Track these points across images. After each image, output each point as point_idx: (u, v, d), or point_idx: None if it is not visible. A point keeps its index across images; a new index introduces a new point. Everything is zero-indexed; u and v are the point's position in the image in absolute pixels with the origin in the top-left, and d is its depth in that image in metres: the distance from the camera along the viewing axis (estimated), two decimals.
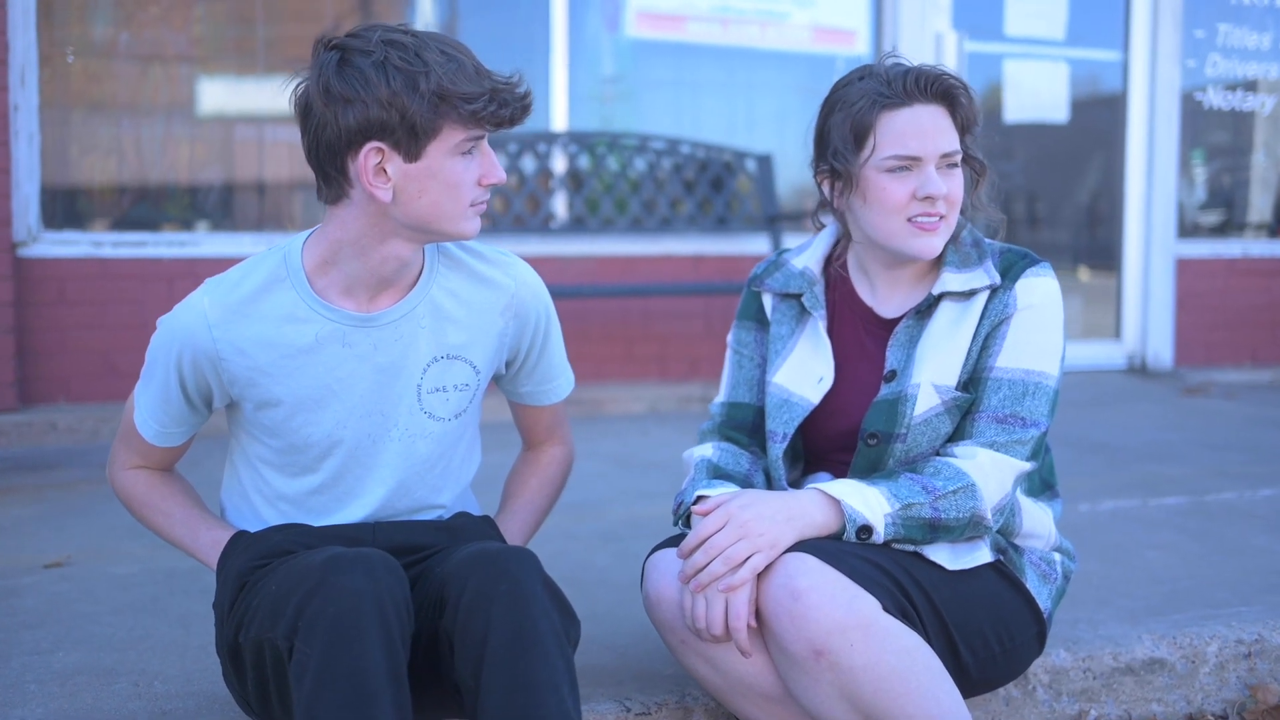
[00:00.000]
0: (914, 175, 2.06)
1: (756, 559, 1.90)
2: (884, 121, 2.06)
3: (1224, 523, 3.45)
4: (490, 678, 1.70)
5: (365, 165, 1.78)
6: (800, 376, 2.20)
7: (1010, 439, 2.04)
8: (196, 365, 1.91)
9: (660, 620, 2.06)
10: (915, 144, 2.05)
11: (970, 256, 2.14)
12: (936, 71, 2.09)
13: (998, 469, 2.03)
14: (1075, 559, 2.30)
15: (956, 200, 2.09)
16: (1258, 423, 5.34)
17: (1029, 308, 2.08)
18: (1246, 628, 2.54)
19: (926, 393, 2.07)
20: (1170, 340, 6.83)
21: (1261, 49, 7.05)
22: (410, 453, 2.00)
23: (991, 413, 2.06)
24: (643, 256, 5.98)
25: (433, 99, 1.75)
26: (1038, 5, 6.71)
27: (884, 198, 2.07)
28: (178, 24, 5.54)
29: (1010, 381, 2.06)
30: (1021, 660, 2.15)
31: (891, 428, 2.08)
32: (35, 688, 2.20)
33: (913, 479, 2.00)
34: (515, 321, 2.05)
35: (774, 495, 1.98)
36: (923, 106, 2.06)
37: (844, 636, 1.84)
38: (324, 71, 1.78)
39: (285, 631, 1.68)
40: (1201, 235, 7.10)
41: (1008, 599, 2.08)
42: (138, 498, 2.08)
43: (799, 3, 6.36)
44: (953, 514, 1.99)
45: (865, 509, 1.95)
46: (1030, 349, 2.08)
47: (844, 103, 2.10)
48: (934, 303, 2.13)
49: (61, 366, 5.15)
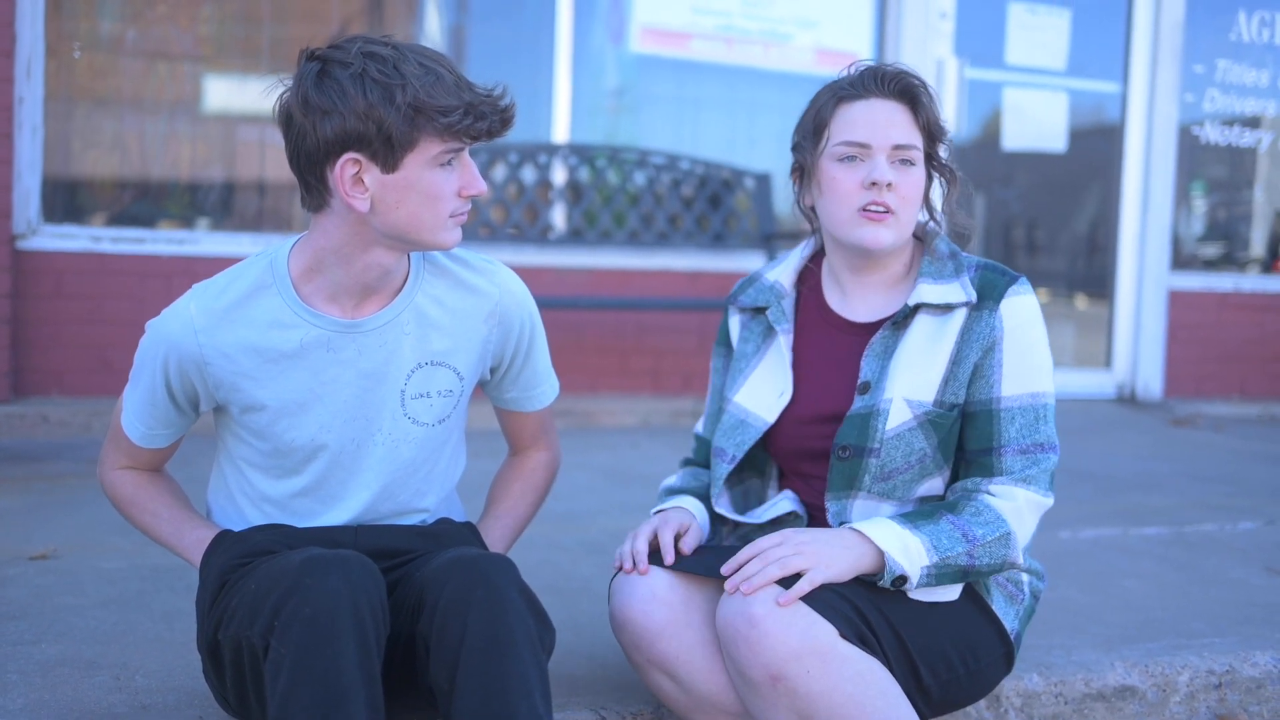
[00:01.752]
0: (864, 164, 2.09)
1: (814, 574, 1.90)
2: (840, 112, 2.11)
3: (1203, 554, 3.48)
4: (464, 681, 1.73)
5: (342, 175, 1.81)
6: (760, 395, 2.22)
7: (1038, 470, 2.07)
8: (182, 369, 1.94)
9: (626, 641, 2.08)
10: (865, 132, 2.08)
11: (946, 268, 2.15)
12: (899, 70, 2.13)
13: (1031, 511, 2.06)
14: (1044, 579, 2.31)
15: (909, 196, 2.10)
16: (1243, 456, 5.37)
17: (1016, 329, 2.09)
18: (1218, 658, 2.56)
19: (899, 407, 2.07)
20: (1160, 371, 6.86)
21: (1260, 86, 7.10)
22: (394, 457, 2.03)
23: (1015, 446, 2.07)
24: (639, 270, 6.01)
25: (409, 111, 1.77)
26: (1039, 35, 6.76)
27: (834, 185, 2.10)
28: (185, 22, 5.57)
29: (1022, 410, 2.07)
30: (987, 680, 2.16)
31: (864, 441, 2.08)
32: (17, 678, 2.22)
33: (954, 524, 2.00)
34: (499, 328, 2.08)
35: (823, 530, 2.01)
36: (879, 100, 2.10)
37: (800, 663, 1.86)
38: (304, 82, 1.80)
39: (262, 630, 1.70)
40: (1196, 268, 7.14)
41: (972, 620, 2.10)
42: (126, 497, 2.11)
43: (803, 24, 6.40)
44: (985, 561, 2.02)
45: (905, 560, 1.95)
46: (1029, 371, 2.09)
47: (814, 99, 2.17)
48: (910, 314, 2.14)
49: (56, 360, 5.17)
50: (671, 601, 2.05)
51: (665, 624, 2.04)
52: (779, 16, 6.36)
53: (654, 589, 2.05)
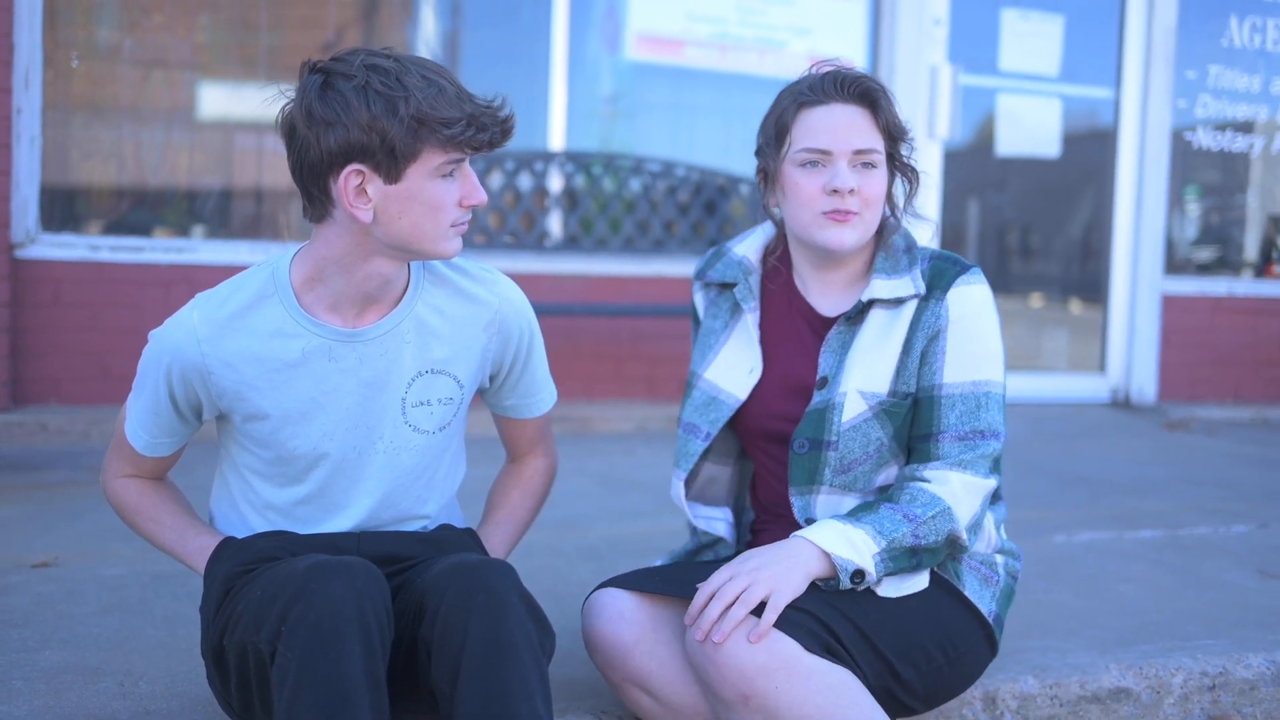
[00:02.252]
0: (826, 170, 2.12)
1: (775, 598, 1.93)
2: (801, 118, 2.14)
3: (1197, 557, 3.50)
4: (466, 685, 1.75)
5: (346, 186, 1.83)
6: (730, 372, 2.26)
7: (975, 455, 2.10)
8: (185, 379, 1.96)
9: (600, 661, 2.12)
10: (826, 138, 2.11)
11: (900, 263, 2.18)
12: (857, 74, 2.16)
13: (968, 492, 2.08)
14: (1020, 558, 2.34)
15: (871, 198, 2.14)
16: (1237, 459, 5.40)
17: (961, 318, 2.13)
18: (1212, 660, 2.59)
19: (853, 400, 2.12)
20: (1154, 375, 6.89)
21: (1252, 91, 7.13)
22: (395, 465, 2.05)
23: (952, 432, 2.11)
24: (635, 277, 6.03)
25: (412, 123, 1.79)
26: (1032, 41, 6.79)
27: (797, 191, 2.14)
28: (182, 31, 5.59)
29: (962, 397, 2.12)
30: (972, 665, 2.19)
31: (821, 435, 2.13)
32: (22, 684, 2.24)
33: (892, 509, 2.05)
34: (499, 337, 2.10)
35: (771, 547, 2.03)
36: (840, 105, 2.13)
37: (769, 679, 1.89)
38: (307, 94, 1.82)
39: (268, 635, 1.72)
40: (1189, 272, 7.17)
41: (946, 608, 2.13)
42: (130, 505, 2.12)
43: (797, 31, 6.43)
44: (932, 539, 2.04)
45: (854, 554, 1.99)
46: (972, 360, 2.13)
47: (775, 104, 2.20)
48: (864, 309, 2.18)
49: (54, 368, 5.19)
50: (640, 619, 2.09)
51: (635, 641, 2.08)
52: (773, 24, 6.39)
53: (620, 609, 2.10)
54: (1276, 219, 7.40)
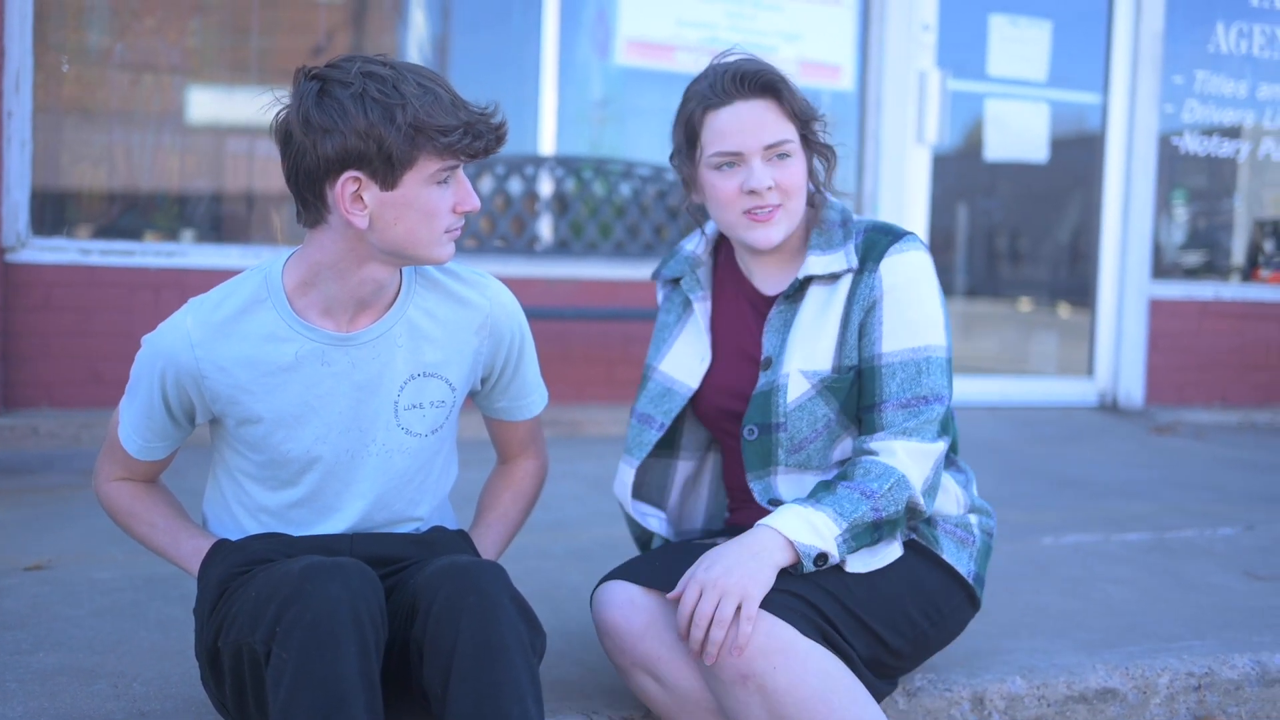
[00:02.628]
0: (740, 170, 2.15)
1: (747, 606, 1.96)
2: (708, 122, 2.16)
3: (1184, 559, 3.53)
4: (457, 686, 1.76)
5: (343, 193, 1.84)
6: (683, 362, 2.31)
7: (919, 422, 2.13)
8: (179, 383, 1.97)
9: (610, 646, 2.17)
10: (735, 140, 2.14)
11: (835, 238, 2.21)
12: (756, 67, 2.16)
13: (915, 459, 2.11)
14: (993, 516, 2.39)
15: (790, 188, 2.16)
16: (1223, 463, 5.43)
17: (895, 287, 2.15)
18: (1197, 661, 2.61)
19: (796, 380, 2.16)
20: (1142, 379, 6.93)
21: (1239, 96, 7.18)
22: (388, 467, 2.06)
23: (894, 400, 2.14)
24: (625, 281, 6.05)
25: (409, 131, 1.80)
26: (1020, 47, 6.82)
27: (715, 194, 2.18)
28: (172, 36, 5.60)
29: (902, 364, 2.14)
30: (954, 625, 2.27)
31: (768, 418, 2.18)
32: (16, 686, 2.25)
33: (849, 487, 2.07)
34: (490, 340, 2.12)
35: (730, 544, 2.04)
36: (744, 103, 2.14)
37: (767, 660, 1.93)
38: (304, 101, 1.83)
39: (264, 636, 1.73)
40: (1177, 276, 7.21)
41: (925, 574, 2.18)
42: (123, 508, 2.14)
43: (787, 37, 6.46)
44: (891, 509, 2.08)
45: (817, 539, 2.02)
46: (909, 327, 2.15)
47: (682, 106, 2.21)
48: (802, 286, 2.21)
49: (45, 372, 5.19)
50: (649, 605, 2.14)
51: (645, 626, 2.12)
52: (763, 29, 6.42)
53: (631, 595, 2.15)
54: (1263, 224, 7.45)
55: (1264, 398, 7.13)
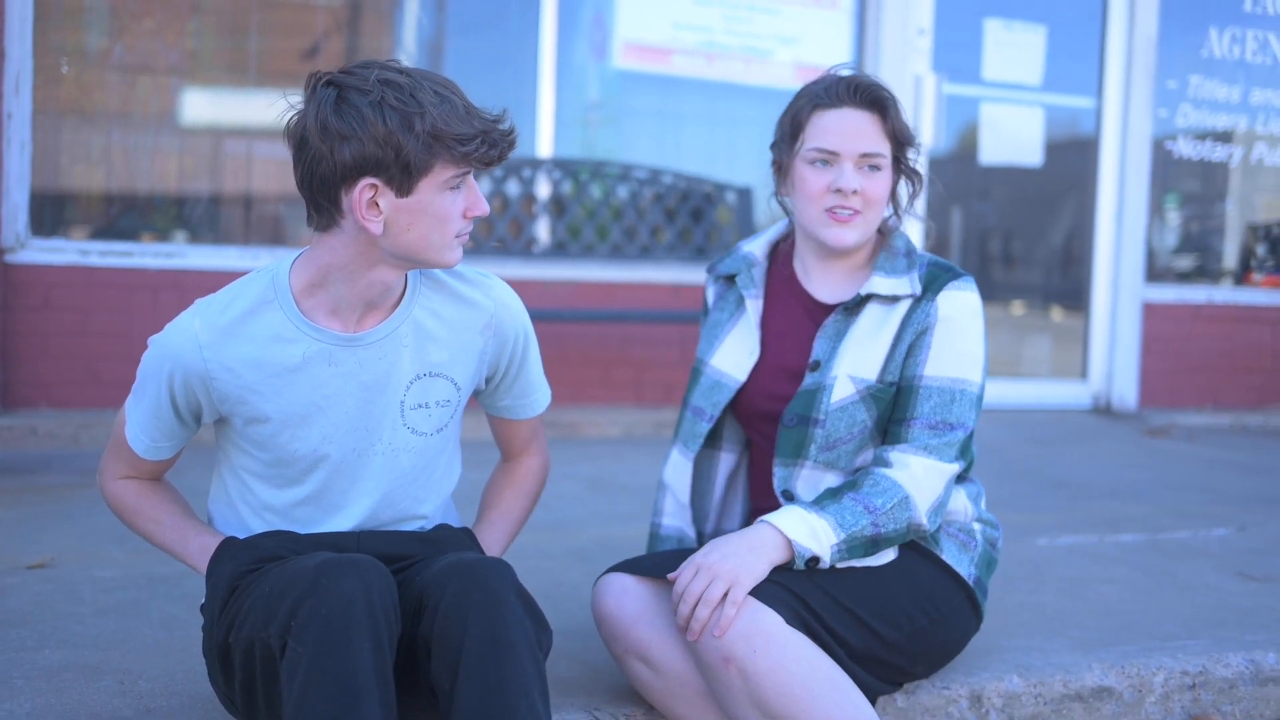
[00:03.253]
0: (832, 169, 2.27)
1: (734, 591, 2.06)
2: (815, 119, 2.29)
3: (1177, 560, 3.56)
4: (465, 681, 1.78)
5: (359, 199, 1.86)
6: (732, 357, 2.41)
7: (941, 442, 2.23)
8: (187, 384, 1.98)
9: (606, 633, 2.27)
10: (835, 140, 2.26)
11: (900, 264, 2.33)
12: (870, 81, 2.31)
13: (929, 475, 2.21)
14: (998, 529, 2.48)
15: (874, 199, 2.28)
16: (1216, 465, 5.47)
17: (949, 319, 2.27)
18: (1192, 660, 2.64)
19: (843, 383, 2.26)
20: (1135, 382, 6.96)
21: (1232, 101, 7.22)
22: (393, 466, 2.08)
23: (924, 419, 2.24)
24: (622, 283, 6.07)
25: (426, 139, 1.83)
26: (1015, 51, 6.86)
27: (804, 187, 2.30)
28: (170, 38, 5.62)
29: (939, 389, 2.25)
30: (958, 627, 2.32)
31: (809, 412, 2.28)
32: (22, 683, 2.27)
33: (855, 499, 2.16)
34: (495, 340, 2.14)
35: (734, 535, 2.15)
36: (851, 110, 2.28)
37: (748, 644, 2.02)
38: (321, 108, 1.84)
39: (279, 631, 1.75)
40: (1170, 280, 7.25)
41: (923, 572, 2.26)
42: (129, 506, 2.15)
43: (783, 41, 6.49)
44: (891, 527, 2.17)
45: (813, 542, 2.12)
46: (953, 358, 2.27)
47: (793, 102, 2.35)
48: (861, 301, 2.32)
49: (44, 372, 5.20)
50: (641, 594, 2.24)
51: (638, 614, 2.22)
52: (759, 33, 6.45)
53: (625, 586, 2.26)
54: (1255, 228, 7.49)
55: (1256, 400, 7.17)
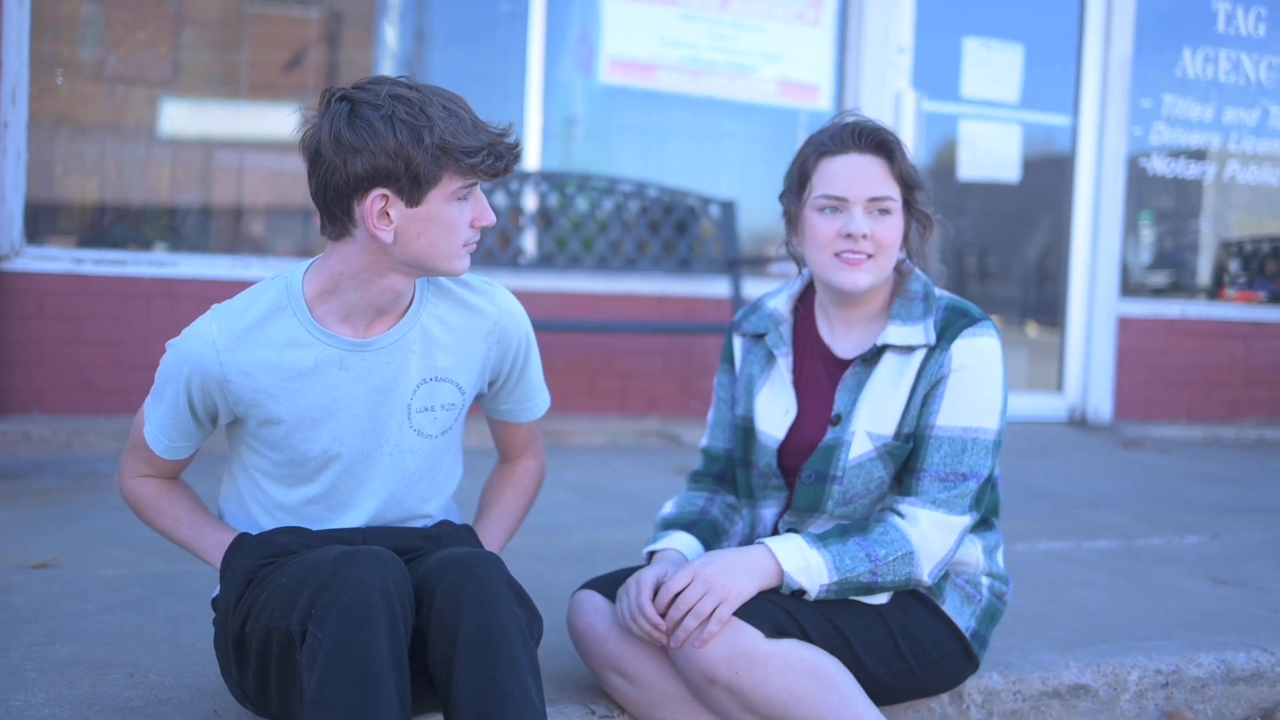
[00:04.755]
0: (841, 215, 2.27)
1: (722, 609, 2.12)
2: (821, 166, 2.30)
3: (1152, 565, 3.64)
4: (461, 669, 1.86)
5: (371, 209, 1.94)
6: (769, 415, 2.41)
7: (951, 495, 2.23)
8: (205, 387, 2.06)
9: (581, 650, 2.34)
10: (842, 186, 2.27)
11: (916, 310, 2.32)
12: (874, 125, 2.31)
13: (939, 531, 2.22)
14: (1008, 583, 2.47)
15: (884, 243, 2.28)
16: (1189, 476, 5.57)
17: (963, 368, 2.25)
18: (1166, 659, 2.72)
19: (860, 440, 2.27)
20: (1110, 395, 7.07)
21: (1205, 120, 7.35)
22: (400, 467, 2.16)
23: (933, 471, 2.24)
24: (607, 294, 6.15)
25: (435, 151, 1.91)
26: (993, 70, 6.98)
27: (814, 234, 2.30)
28: (163, 50, 5.68)
29: (950, 439, 2.24)
30: (947, 672, 2.35)
31: (827, 469, 2.29)
32: (35, 675, 2.33)
33: (860, 545, 2.19)
34: (498, 346, 2.22)
35: (733, 552, 2.20)
36: (857, 155, 2.28)
37: (730, 666, 2.09)
38: (335, 121, 1.92)
39: (299, 618, 1.82)
40: (1144, 295, 7.37)
41: (917, 616, 2.28)
42: (147, 503, 2.22)
43: (766, 57, 6.59)
44: (889, 578, 2.21)
45: (804, 577, 2.17)
46: (966, 407, 2.25)
47: (800, 151, 2.36)
48: (879, 353, 2.32)
49: (37, 379, 5.25)
50: (611, 610, 2.31)
51: (608, 629, 2.28)
52: (743, 49, 6.55)
53: (595, 603, 2.33)
54: (1229, 244, 7.62)
55: (1228, 413, 7.29)
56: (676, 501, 2.52)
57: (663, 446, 5.85)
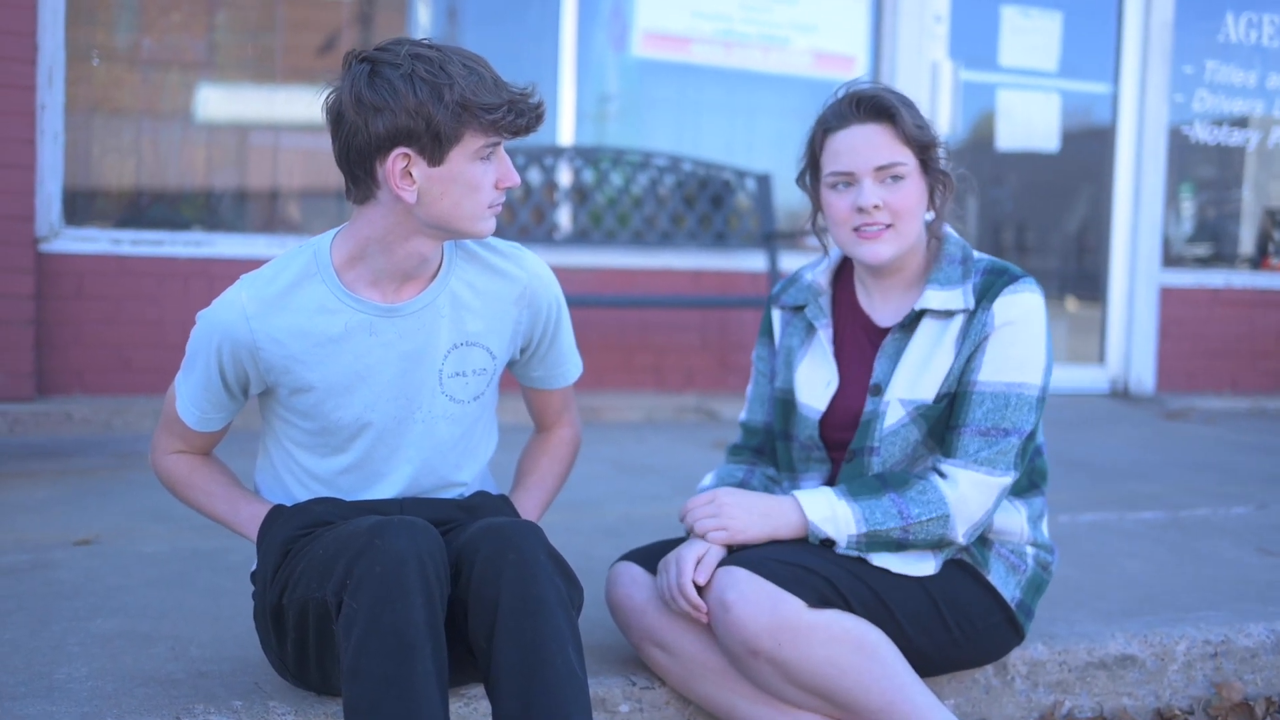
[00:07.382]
0: (852, 190, 2.25)
1: (719, 535, 2.18)
2: (827, 144, 2.28)
3: (1197, 536, 3.60)
4: (502, 639, 1.85)
5: (393, 169, 1.93)
6: (810, 386, 2.39)
7: (994, 452, 2.20)
8: (235, 355, 2.06)
9: (620, 621, 2.34)
10: (847, 160, 2.24)
11: (955, 274, 2.28)
12: (872, 91, 2.26)
13: (978, 492, 2.19)
14: (1054, 553, 2.44)
15: (901, 209, 2.23)
16: (1234, 447, 5.51)
17: (1007, 324, 2.22)
18: (1214, 630, 2.68)
19: (894, 408, 2.26)
20: (1153, 366, 7.00)
21: (1248, 86, 7.25)
22: (432, 433, 2.15)
23: (975, 426, 2.21)
24: (643, 270, 6.13)
25: (456, 108, 1.90)
26: (1031, 37, 6.90)
27: (831, 212, 2.28)
28: (197, 32, 5.69)
29: (993, 395, 2.21)
30: (992, 643, 2.32)
31: (864, 442, 2.28)
32: (79, 649, 2.34)
33: (894, 500, 2.18)
34: (529, 311, 2.21)
35: (757, 494, 2.24)
36: (859, 126, 2.24)
37: (772, 638, 2.07)
38: (356, 82, 1.92)
39: (335, 588, 1.82)
40: (1187, 265, 7.28)
41: (962, 586, 2.25)
42: (181, 479, 2.23)
43: (800, 29, 6.54)
44: (921, 536, 2.19)
45: (831, 527, 2.17)
46: (1011, 362, 2.22)
47: (810, 131, 2.33)
48: (917, 318, 2.29)
49: (77, 359, 5.29)
50: (650, 583, 2.31)
51: (647, 601, 2.28)
52: (777, 21, 6.50)
53: (634, 575, 2.33)
54: (1272, 212, 7.52)
55: (1274, 384, 7.20)
56: (716, 473, 2.50)
57: (699, 422, 5.83)
